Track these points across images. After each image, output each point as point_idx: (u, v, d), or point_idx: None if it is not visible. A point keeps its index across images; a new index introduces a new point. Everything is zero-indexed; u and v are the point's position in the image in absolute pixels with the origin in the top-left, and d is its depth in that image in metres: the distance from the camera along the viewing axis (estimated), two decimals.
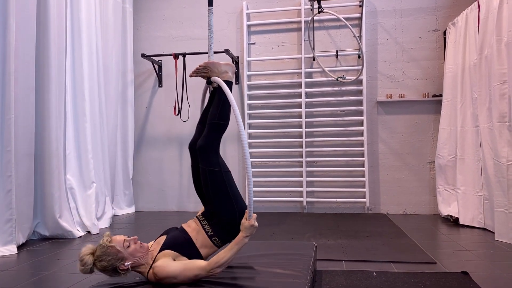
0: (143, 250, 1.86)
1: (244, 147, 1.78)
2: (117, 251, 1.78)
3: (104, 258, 1.77)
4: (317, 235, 3.59)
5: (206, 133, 2.03)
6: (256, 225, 1.81)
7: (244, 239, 1.80)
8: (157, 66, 5.22)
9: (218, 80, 1.99)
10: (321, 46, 4.90)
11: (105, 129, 4.53)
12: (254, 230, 1.81)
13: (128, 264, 1.79)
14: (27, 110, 3.45)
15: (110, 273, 1.81)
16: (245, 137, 1.79)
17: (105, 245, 1.80)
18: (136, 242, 1.86)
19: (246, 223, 1.78)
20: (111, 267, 1.78)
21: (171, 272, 1.77)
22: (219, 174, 1.96)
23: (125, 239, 1.84)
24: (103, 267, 1.79)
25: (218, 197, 1.96)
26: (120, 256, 1.78)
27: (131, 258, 1.81)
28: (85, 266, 1.78)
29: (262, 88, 5.01)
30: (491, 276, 2.46)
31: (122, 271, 1.79)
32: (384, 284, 2.29)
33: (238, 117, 1.79)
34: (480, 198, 3.75)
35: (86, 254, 1.81)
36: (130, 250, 1.81)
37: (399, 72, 4.79)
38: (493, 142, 3.47)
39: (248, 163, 1.77)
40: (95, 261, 1.79)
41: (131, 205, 5.16)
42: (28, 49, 3.44)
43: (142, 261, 1.85)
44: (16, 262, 2.93)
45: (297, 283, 1.78)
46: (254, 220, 1.79)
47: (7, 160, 3.21)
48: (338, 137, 4.82)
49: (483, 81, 3.65)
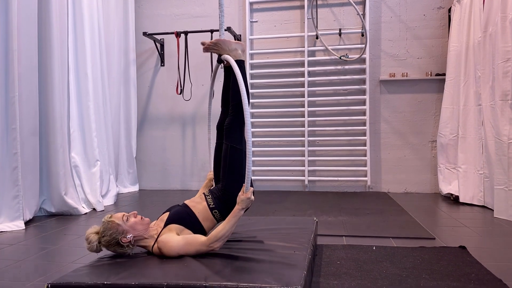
0: (144, 223, 1.91)
1: (246, 118, 1.80)
2: (117, 225, 1.86)
3: (106, 233, 1.85)
4: (318, 212, 3.64)
5: (231, 113, 2.10)
6: (252, 198, 1.84)
7: (240, 212, 1.84)
8: (159, 45, 5.20)
9: (229, 58, 2.00)
10: (324, 24, 4.86)
11: (108, 108, 4.55)
12: (250, 203, 1.85)
13: (130, 237, 1.85)
14: (31, 89, 3.46)
15: (116, 248, 1.87)
16: (248, 111, 1.81)
17: (105, 221, 1.89)
18: (136, 216, 1.92)
19: (243, 195, 1.83)
20: (114, 241, 1.85)
21: (174, 247, 1.83)
22: (239, 152, 2.03)
23: (124, 214, 1.91)
24: (107, 242, 1.85)
25: (233, 174, 2.03)
26: (121, 230, 1.85)
27: (132, 231, 1.87)
28: (91, 244, 1.87)
29: (265, 67, 4.99)
30: (488, 251, 2.51)
31: (125, 244, 1.85)
32: (384, 258, 2.34)
33: (244, 95, 1.81)
34: (481, 176, 3.77)
35: (91, 233, 1.90)
36: (130, 223, 1.88)
37: (403, 51, 4.76)
38: (495, 120, 3.48)
39: (249, 134, 1.79)
40: (100, 239, 1.86)
41: (135, 183, 5.23)
42: (30, 27, 3.44)
43: (145, 234, 1.90)
44: (24, 237, 3.01)
45: (298, 255, 1.83)
46: (251, 193, 1.83)
47: (12, 137, 3.25)
48: (340, 117, 4.82)
49: (487, 59, 3.63)
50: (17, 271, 2.26)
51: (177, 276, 1.57)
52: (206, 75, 4.99)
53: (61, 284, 1.57)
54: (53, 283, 1.58)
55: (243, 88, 1.83)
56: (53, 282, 1.59)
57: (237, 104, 2.05)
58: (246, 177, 1.80)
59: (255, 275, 1.57)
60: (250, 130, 1.80)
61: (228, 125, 2.08)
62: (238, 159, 2.02)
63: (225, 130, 2.09)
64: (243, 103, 1.81)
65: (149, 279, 1.56)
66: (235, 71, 1.89)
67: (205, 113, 5.17)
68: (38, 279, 2.11)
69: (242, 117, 2.01)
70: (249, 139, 1.79)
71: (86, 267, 1.78)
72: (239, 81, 1.85)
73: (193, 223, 1.97)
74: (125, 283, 1.54)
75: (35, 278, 2.13)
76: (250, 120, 4.98)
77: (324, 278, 2.03)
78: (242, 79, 1.85)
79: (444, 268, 2.15)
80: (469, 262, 2.25)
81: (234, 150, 2.03)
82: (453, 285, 1.91)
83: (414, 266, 2.20)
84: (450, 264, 2.22)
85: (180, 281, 1.52)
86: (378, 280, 2.00)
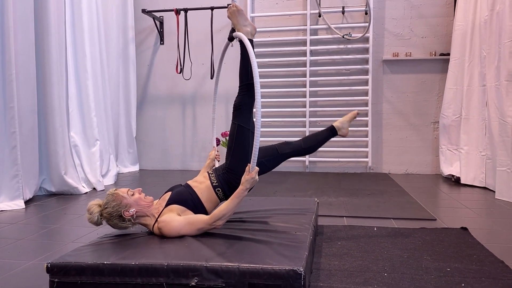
0: (147, 200, 1.91)
1: (257, 98, 1.77)
2: (122, 197, 1.85)
3: (109, 205, 1.84)
4: (319, 193, 3.63)
5: (241, 93, 2.10)
6: (257, 178, 1.82)
7: (244, 192, 1.82)
8: (158, 23, 5.10)
9: (242, 36, 1.95)
10: (327, 2, 4.75)
11: (107, 87, 4.50)
12: (254, 183, 1.83)
13: (133, 211, 1.84)
14: (28, 66, 3.40)
15: (116, 222, 1.85)
16: (259, 90, 1.78)
17: (110, 193, 1.88)
18: (140, 193, 1.92)
19: (248, 175, 1.80)
20: (116, 213, 1.83)
21: (175, 227, 1.81)
22: (246, 132, 2.04)
23: (129, 189, 1.91)
24: (109, 214, 1.83)
25: (238, 153, 2.04)
26: (125, 203, 1.84)
27: (136, 205, 1.86)
28: (92, 215, 1.84)
29: (266, 46, 4.90)
30: (489, 232, 2.51)
31: (127, 218, 1.83)
32: (385, 239, 2.33)
33: (256, 75, 1.77)
34: (483, 158, 3.75)
35: (93, 204, 1.89)
36: (135, 197, 1.88)
37: (407, 30, 4.67)
38: (499, 101, 3.43)
39: (258, 113, 1.75)
40: (102, 211, 1.84)
41: (135, 163, 5.21)
42: (26, 3, 3.35)
43: (147, 212, 1.89)
44: (24, 216, 3.00)
45: (300, 236, 1.82)
46: (256, 173, 1.80)
47: (10, 116, 3.21)
48: (342, 97, 4.77)
49: (493, 39, 3.56)
50: (17, 250, 2.26)
51: (178, 257, 1.56)
52: (206, 53, 4.91)
53: (61, 263, 1.56)
54: (53, 262, 1.57)
55: (256, 67, 1.79)
56: (53, 261, 1.58)
57: (246, 85, 2.06)
58: (253, 156, 1.77)
59: (256, 256, 1.56)
60: (260, 110, 1.76)
61: (237, 105, 2.10)
62: (244, 138, 2.02)
63: (233, 109, 2.11)
64: (255, 83, 1.78)
65: (149, 259, 1.55)
66: (248, 49, 1.86)
67: (205, 93, 5.11)
68: (38, 258, 2.11)
69: (251, 97, 2.01)
70: (258, 119, 1.76)
71: (86, 246, 1.77)
72: (252, 61, 1.81)
73: (195, 204, 1.96)
74: (125, 263, 1.53)
75: (35, 257, 2.13)
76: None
77: (325, 259, 2.03)
78: (254, 59, 1.82)
79: (446, 249, 2.14)
80: (471, 243, 2.25)
81: (241, 130, 2.05)
82: (454, 266, 1.91)
83: (415, 247, 2.19)
84: (451, 245, 2.21)
85: (181, 262, 1.51)
86: (379, 261, 2.00)
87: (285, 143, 2.32)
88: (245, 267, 1.46)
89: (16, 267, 1.99)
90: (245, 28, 2.09)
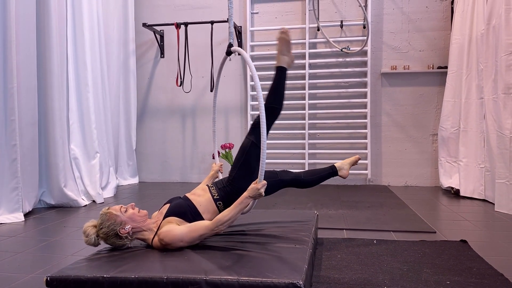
0: (141, 215, 1.90)
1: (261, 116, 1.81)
2: (116, 216, 1.84)
3: (104, 225, 1.83)
4: (318, 205, 3.63)
5: (262, 114, 2.10)
6: (262, 192, 1.82)
7: (247, 200, 1.82)
8: (158, 36, 5.16)
9: (241, 51, 2.01)
10: (326, 16, 4.82)
11: (107, 99, 4.52)
12: (258, 195, 1.83)
13: (128, 228, 1.83)
14: (29, 80, 3.43)
15: (114, 240, 1.85)
16: (263, 107, 1.82)
17: (103, 213, 1.87)
18: (134, 208, 1.91)
19: (254, 186, 1.81)
20: (112, 232, 1.83)
21: (177, 235, 1.81)
22: (258, 150, 2.03)
23: (122, 206, 1.90)
24: (105, 234, 1.83)
25: (245, 168, 2.08)
26: (119, 220, 1.84)
27: (131, 221, 1.85)
28: (88, 237, 1.84)
29: (265, 59, 4.95)
30: (489, 245, 2.50)
31: (123, 235, 1.83)
32: (384, 252, 2.33)
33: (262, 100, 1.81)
34: (482, 170, 3.76)
35: (88, 226, 1.88)
36: (128, 214, 1.87)
37: (405, 43, 4.72)
38: (497, 114, 3.46)
39: (263, 129, 1.79)
40: (97, 231, 1.84)
41: (134, 175, 5.22)
42: (28, 17, 3.40)
43: (143, 226, 1.89)
44: (24, 229, 3.00)
45: (299, 249, 1.82)
46: (262, 186, 1.81)
47: (11, 129, 3.23)
48: (341, 109, 4.80)
49: (490, 52, 3.60)
50: (16, 264, 2.25)
51: (177, 270, 1.56)
52: (206, 67, 4.95)
53: (60, 277, 1.56)
54: (52, 276, 1.57)
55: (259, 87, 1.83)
56: (52, 275, 1.58)
57: (267, 108, 2.07)
58: (260, 169, 1.79)
59: (256, 269, 1.56)
60: (264, 123, 1.80)
61: (257, 123, 2.10)
62: (255, 156, 2.03)
63: (252, 125, 2.17)
64: (259, 102, 1.81)
65: (149, 272, 1.55)
66: (247, 62, 1.92)
67: (205, 105, 5.14)
68: (37, 272, 2.10)
69: (270, 118, 2.12)
70: (264, 132, 1.79)
71: (85, 260, 1.77)
72: (254, 78, 1.85)
73: (193, 215, 1.96)
74: (125, 276, 1.53)
75: (34, 271, 2.12)
76: (251, 113, 4.96)
77: (325, 272, 2.02)
78: (280, 85, 1.88)
79: (445, 262, 2.14)
80: (470, 256, 2.24)
81: (254, 147, 2.09)
82: (454, 279, 1.90)
83: (415, 260, 2.19)
84: (451, 258, 2.21)
85: (180, 275, 1.51)
86: (379, 274, 1.99)
87: (285, 171, 2.37)
88: (245, 280, 1.46)
89: (16, 281, 1.99)
90: (284, 58, 2.19)
